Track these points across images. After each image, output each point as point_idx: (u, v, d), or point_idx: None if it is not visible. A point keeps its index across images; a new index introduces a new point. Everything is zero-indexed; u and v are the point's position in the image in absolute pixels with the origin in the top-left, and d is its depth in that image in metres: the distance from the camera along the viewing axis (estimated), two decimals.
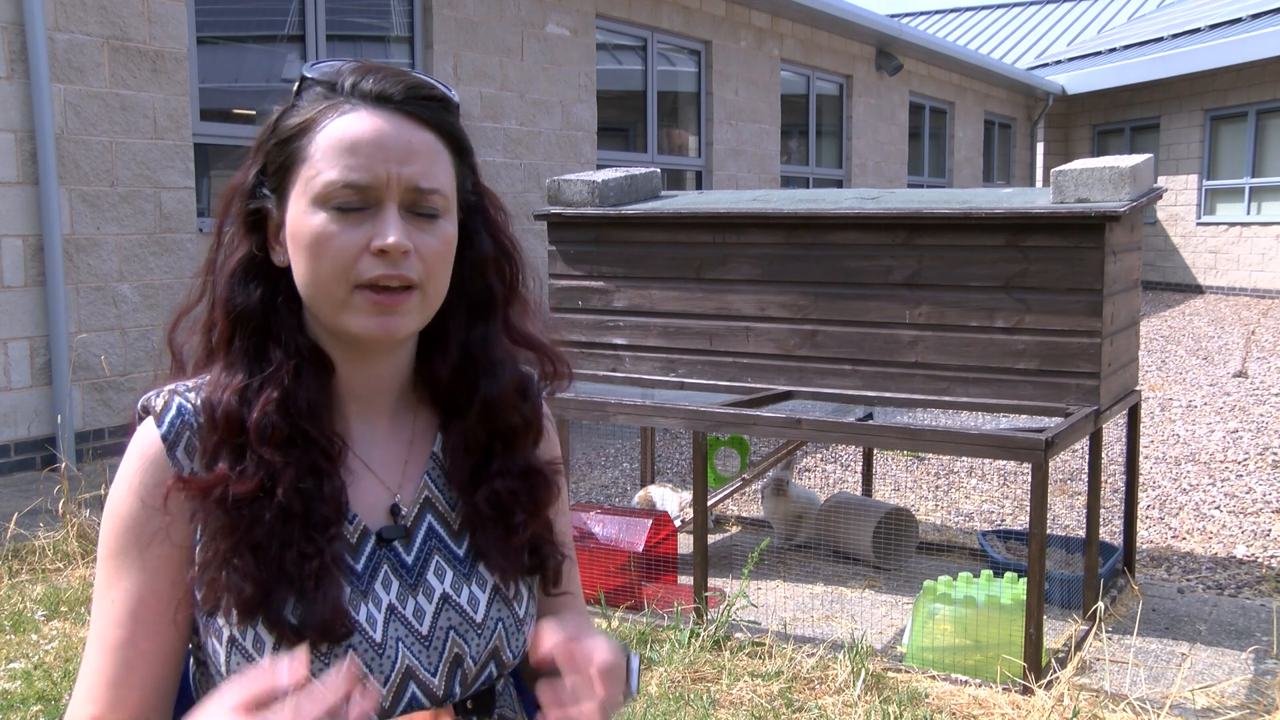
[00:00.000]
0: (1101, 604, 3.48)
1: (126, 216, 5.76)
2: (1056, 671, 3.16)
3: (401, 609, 1.12)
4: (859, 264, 3.67)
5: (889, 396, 3.65)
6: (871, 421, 3.84)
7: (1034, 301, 3.39)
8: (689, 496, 4.37)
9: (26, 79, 5.31)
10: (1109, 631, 3.52)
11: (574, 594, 1.32)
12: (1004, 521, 5.02)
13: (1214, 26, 15.79)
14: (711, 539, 4.64)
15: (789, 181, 11.85)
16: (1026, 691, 3.07)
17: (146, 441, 1.11)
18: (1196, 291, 15.93)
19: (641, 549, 3.81)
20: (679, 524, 4.26)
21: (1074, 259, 3.34)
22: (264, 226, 1.13)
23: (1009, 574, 3.38)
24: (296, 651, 0.94)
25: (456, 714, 1.14)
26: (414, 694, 1.11)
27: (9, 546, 4.25)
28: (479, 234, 1.19)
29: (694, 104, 10.29)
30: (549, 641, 1.03)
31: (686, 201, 4.16)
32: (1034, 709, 2.97)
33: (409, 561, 1.15)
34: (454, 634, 1.14)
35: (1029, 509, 3.17)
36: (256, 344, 1.12)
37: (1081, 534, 4.27)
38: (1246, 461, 5.97)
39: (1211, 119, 15.79)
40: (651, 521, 3.90)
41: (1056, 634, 3.58)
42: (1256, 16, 15.06)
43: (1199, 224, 15.96)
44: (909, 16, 25.11)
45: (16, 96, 5.30)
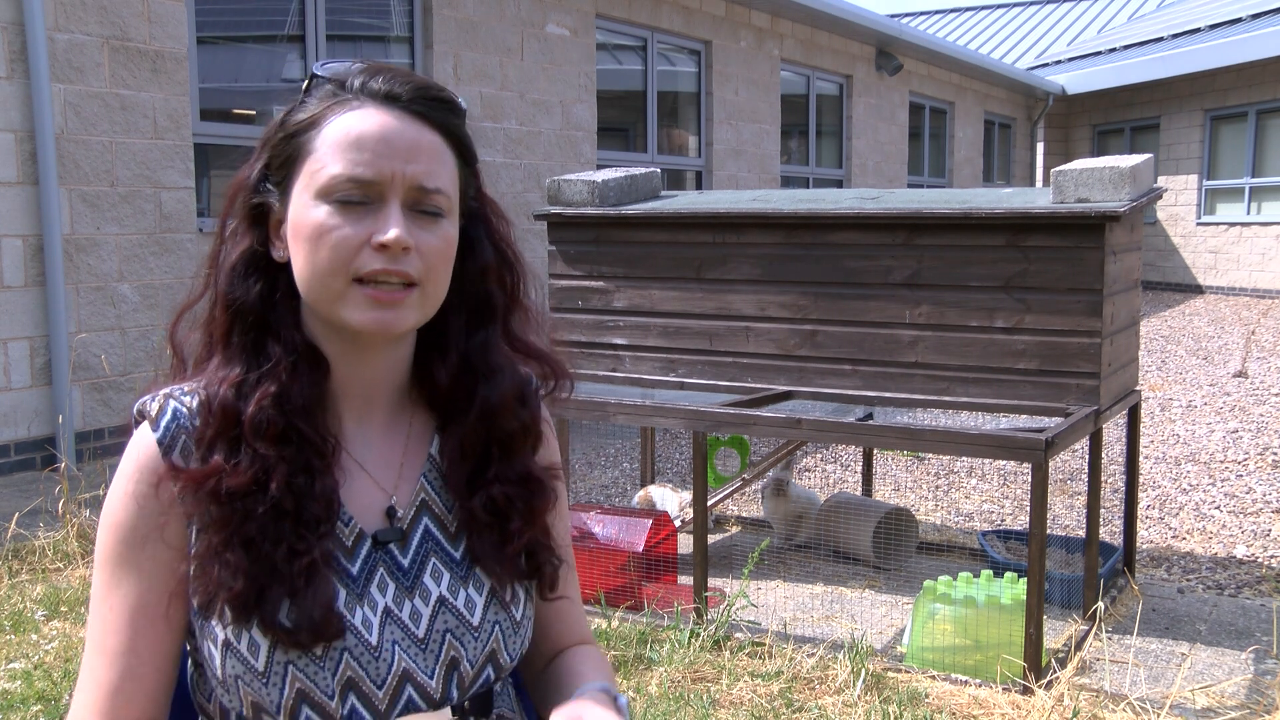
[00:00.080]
0: (1101, 604, 3.48)
1: (126, 216, 5.76)
2: (1056, 671, 3.16)
3: (398, 612, 1.12)
4: (859, 264, 3.67)
5: (889, 396, 3.65)
6: (871, 421, 3.84)
7: (1034, 301, 3.39)
8: (689, 496, 4.37)
9: (26, 79, 5.31)
10: (1109, 631, 3.52)
11: (571, 599, 1.31)
12: (1004, 521, 5.02)
13: (1214, 26, 15.79)
14: (711, 539, 4.64)
15: (789, 181, 11.85)
16: (1026, 691, 3.07)
17: (142, 447, 1.11)
18: (1196, 291, 15.93)
19: (641, 549, 3.81)
20: (679, 524, 4.26)
21: (1074, 259, 3.34)
22: (265, 221, 1.13)
23: (1009, 574, 3.38)
24: None
25: (454, 716, 1.14)
26: (411, 697, 1.11)
27: (9, 546, 4.25)
28: (481, 242, 1.19)
29: (694, 104, 10.29)
30: None
31: (686, 201, 4.16)
32: (1034, 709, 2.97)
33: (405, 564, 1.14)
34: (450, 637, 1.14)
35: (1029, 509, 3.17)
36: (255, 339, 1.11)
37: (1081, 534, 4.27)
38: (1246, 461, 5.97)
39: (1211, 119, 15.79)
40: (651, 521, 3.90)
41: (1056, 634, 3.58)
42: (1256, 16, 15.06)
43: (1199, 224, 15.96)
44: (909, 16, 25.12)
45: (16, 96, 5.30)
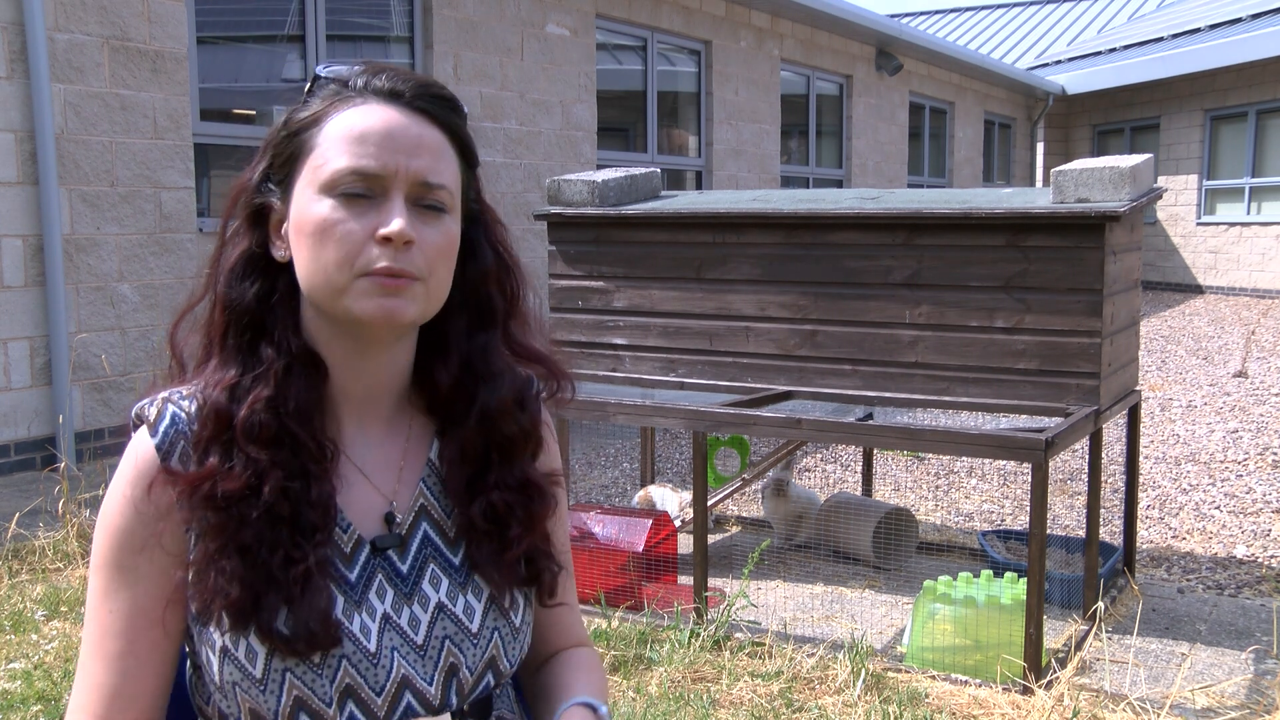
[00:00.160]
0: (1101, 604, 3.48)
1: (126, 216, 5.76)
2: (1056, 671, 3.16)
3: (396, 618, 1.12)
4: (859, 264, 3.67)
5: (889, 396, 3.65)
6: (871, 421, 3.84)
7: (1034, 301, 3.39)
8: (689, 496, 4.37)
9: (26, 79, 5.31)
10: (1109, 631, 3.52)
11: (569, 605, 1.31)
12: (1004, 521, 5.02)
13: (1214, 26, 15.79)
14: (711, 539, 4.64)
15: (789, 181, 11.85)
16: (1026, 691, 3.07)
17: (140, 452, 1.10)
18: (1196, 291, 15.93)
19: (641, 549, 3.81)
20: (679, 524, 4.26)
21: (1074, 259, 3.34)
22: (266, 222, 1.13)
23: (1009, 574, 3.38)
24: None
25: (453, 718, 1.14)
26: (410, 704, 1.10)
27: (9, 546, 4.25)
28: (481, 245, 1.19)
29: (694, 104, 10.29)
30: None
31: (686, 201, 4.16)
32: (1034, 709, 2.97)
33: (404, 570, 1.14)
34: (449, 643, 1.13)
35: (1029, 509, 3.17)
36: (250, 341, 1.11)
37: (1081, 534, 4.27)
38: (1246, 461, 5.97)
39: (1211, 119, 15.79)
40: (651, 521, 3.90)
41: (1056, 634, 3.58)
42: (1256, 16, 15.06)
43: (1199, 224, 15.96)
44: (909, 16, 25.12)
45: (16, 96, 5.30)
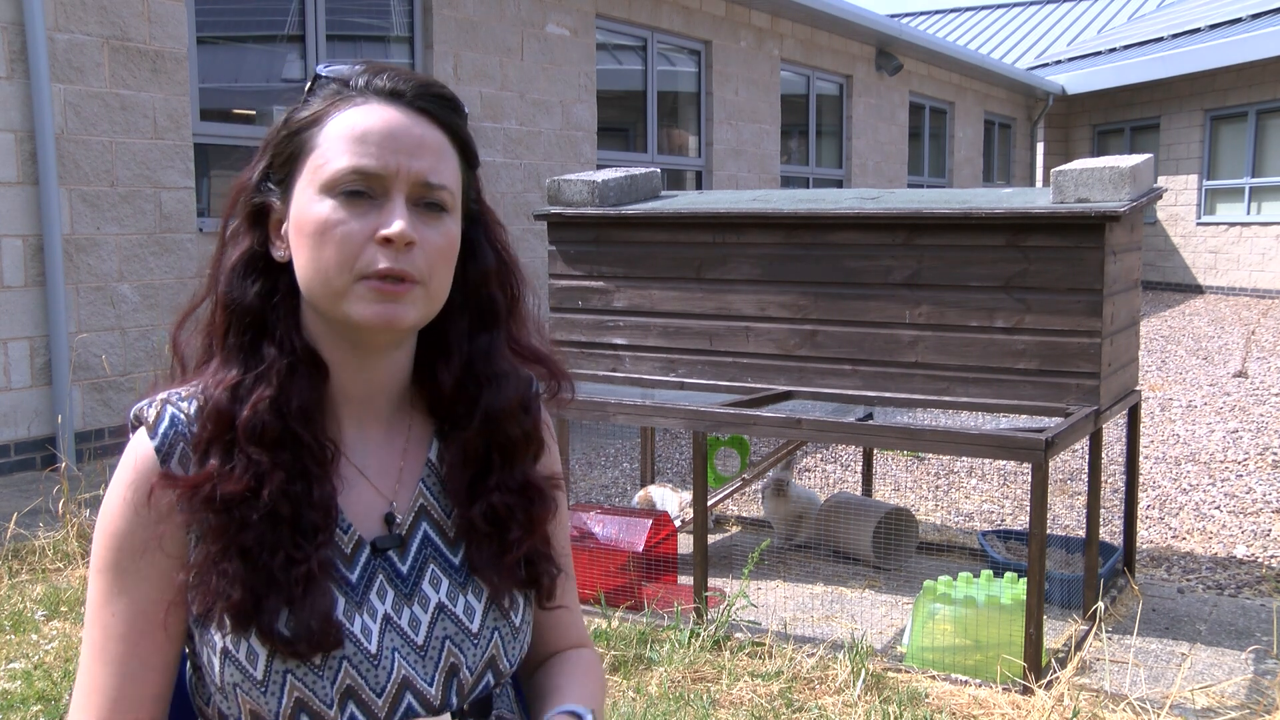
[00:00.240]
0: (1101, 604, 3.48)
1: (126, 216, 5.76)
2: (1056, 671, 3.16)
3: (397, 619, 1.11)
4: (859, 264, 3.67)
5: (889, 396, 3.65)
6: (871, 421, 3.84)
7: (1034, 301, 3.39)
8: (689, 496, 4.37)
9: (26, 79, 5.31)
10: (1109, 631, 3.52)
11: (569, 608, 1.31)
12: (1004, 521, 5.02)
13: (1214, 26, 15.79)
14: (711, 539, 4.64)
15: (789, 181, 11.85)
16: (1026, 691, 3.07)
17: (139, 454, 1.10)
18: (1196, 291, 15.93)
19: (641, 549, 3.81)
20: (679, 524, 4.26)
21: (1074, 259, 3.34)
22: (266, 221, 1.13)
23: (1009, 574, 3.38)
24: None
25: (453, 718, 1.14)
26: (410, 704, 1.10)
27: (9, 546, 4.25)
28: (481, 245, 1.19)
29: (694, 104, 10.29)
30: None
31: (686, 201, 4.16)
32: (1034, 709, 2.97)
33: (404, 571, 1.14)
34: (450, 644, 1.13)
35: (1029, 509, 3.17)
36: (252, 341, 1.11)
37: (1081, 534, 4.27)
38: (1246, 461, 5.97)
39: (1211, 119, 15.79)
40: (651, 521, 3.90)
41: (1056, 634, 3.58)
42: (1256, 16, 15.06)
43: (1199, 224, 15.96)
44: (909, 16, 25.12)
45: (16, 96, 5.30)
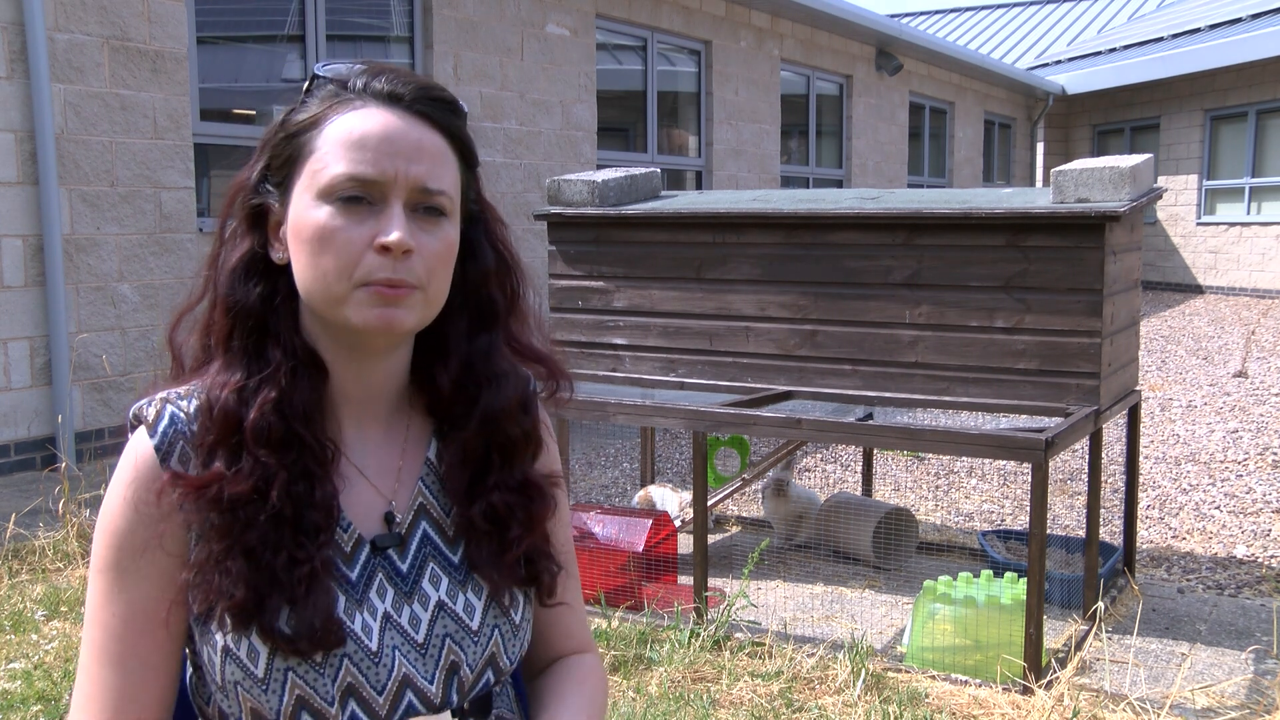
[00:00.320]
0: (1101, 604, 3.48)
1: (126, 216, 5.76)
2: (1056, 671, 3.16)
3: (397, 617, 1.12)
4: (859, 264, 3.67)
5: (889, 396, 3.65)
6: (871, 421, 3.84)
7: (1034, 301, 3.39)
8: (689, 496, 4.37)
9: (26, 79, 5.31)
10: (1109, 631, 3.52)
11: (570, 605, 1.29)
12: (1004, 521, 5.02)
13: (1214, 26, 15.79)
14: (711, 539, 4.64)
15: (789, 181, 11.85)
16: (1026, 691, 3.07)
17: (139, 452, 1.10)
18: (1196, 291, 15.93)
19: (641, 549, 3.81)
20: (679, 524, 4.26)
21: (1074, 259, 3.34)
22: (265, 223, 1.12)
23: (1009, 574, 3.38)
24: None
25: (454, 718, 1.14)
26: (411, 702, 1.10)
27: (9, 546, 4.25)
28: (481, 245, 1.19)
29: (694, 104, 10.29)
30: None
31: (686, 201, 4.16)
32: (1034, 709, 2.97)
33: (404, 569, 1.14)
34: (450, 641, 1.13)
35: (1029, 509, 3.17)
36: (255, 343, 1.10)
37: (1081, 534, 4.27)
38: (1246, 461, 5.97)
39: (1211, 119, 15.79)
40: (651, 521, 3.90)
41: (1056, 634, 3.58)
42: (1256, 16, 15.06)
43: (1199, 224, 15.96)
44: (909, 16, 25.11)
45: (16, 96, 5.30)
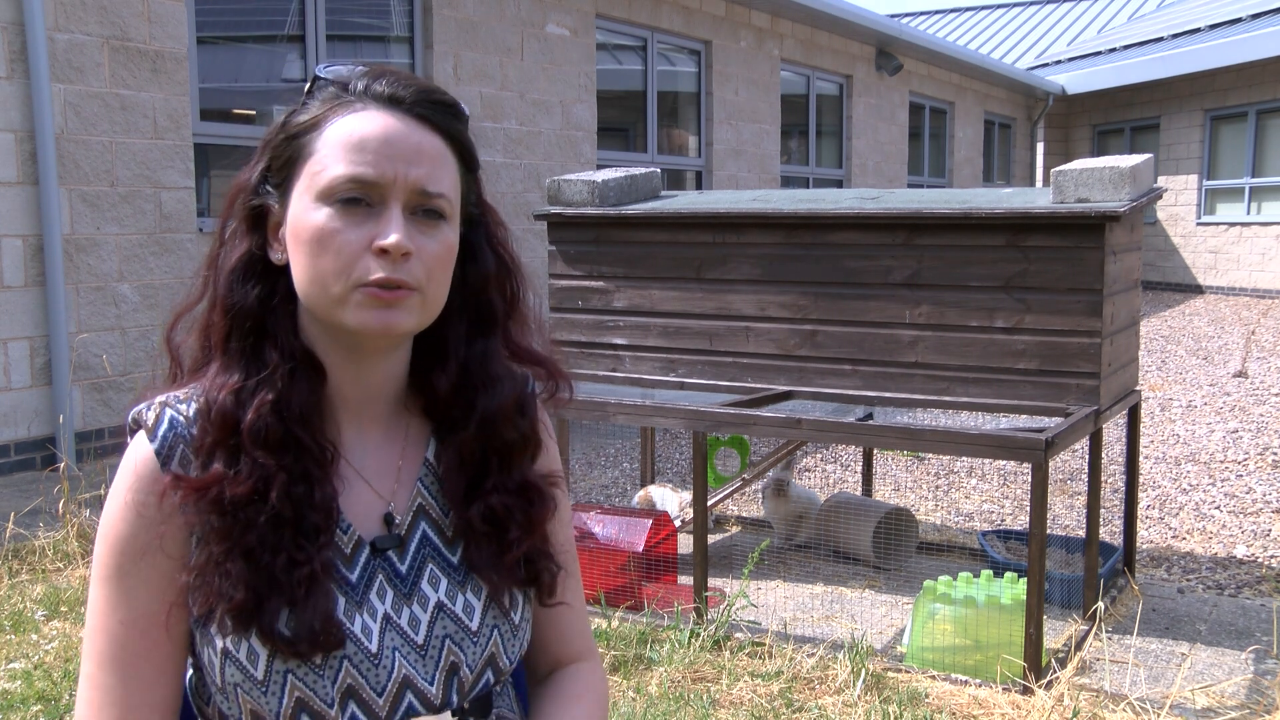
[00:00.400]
0: (1101, 604, 3.48)
1: (126, 216, 5.76)
2: (1056, 671, 3.16)
3: (397, 618, 1.11)
4: (859, 264, 3.67)
5: (889, 396, 3.65)
6: (871, 421, 3.84)
7: (1034, 301, 3.39)
8: (689, 496, 4.37)
9: (26, 79, 5.31)
10: (1109, 631, 3.52)
11: (571, 606, 1.29)
12: (1004, 521, 5.02)
13: (1214, 26, 15.79)
14: (711, 539, 4.64)
15: (789, 181, 11.85)
16: (1026, 691, 3.07)
17: (139, 456, 1.10)
18: (1196, 291, 15.93)
19: (641, 549, 3.81)
20: (679, 524, 4.26)
21: (1074, 259, 3.34)
22: (264, 224, 1.12)
23: (1009, 574, 3.38)
24: None
25: (454, 718, 1.14)
26: (411, 703, 1.10)
27: (9, 546, 4.25)
28: (481, 248, 1.18)
29: (694, 104, 10.29)
30: None
31: (686, 201, 4.16)
32: (1034, 709, 2.97)
33: (403, 570, 1.14)
34: (450, 642, 1.13)
35: (1029, 509, 3.17)
36: (253, 344, 1.10)
37: (1081, 534, 4.27)
38: (1246, 461, 5.97)
39: (1211, 119, 15.79)
40: (651, 521, 3.90)
41: (1056, 634, 3.58)
42: (1256, 16, 15.06)
43: (1199, 224, 15.96)
44: (909, 16, 25.11)
45: (16, 96, 5.30)
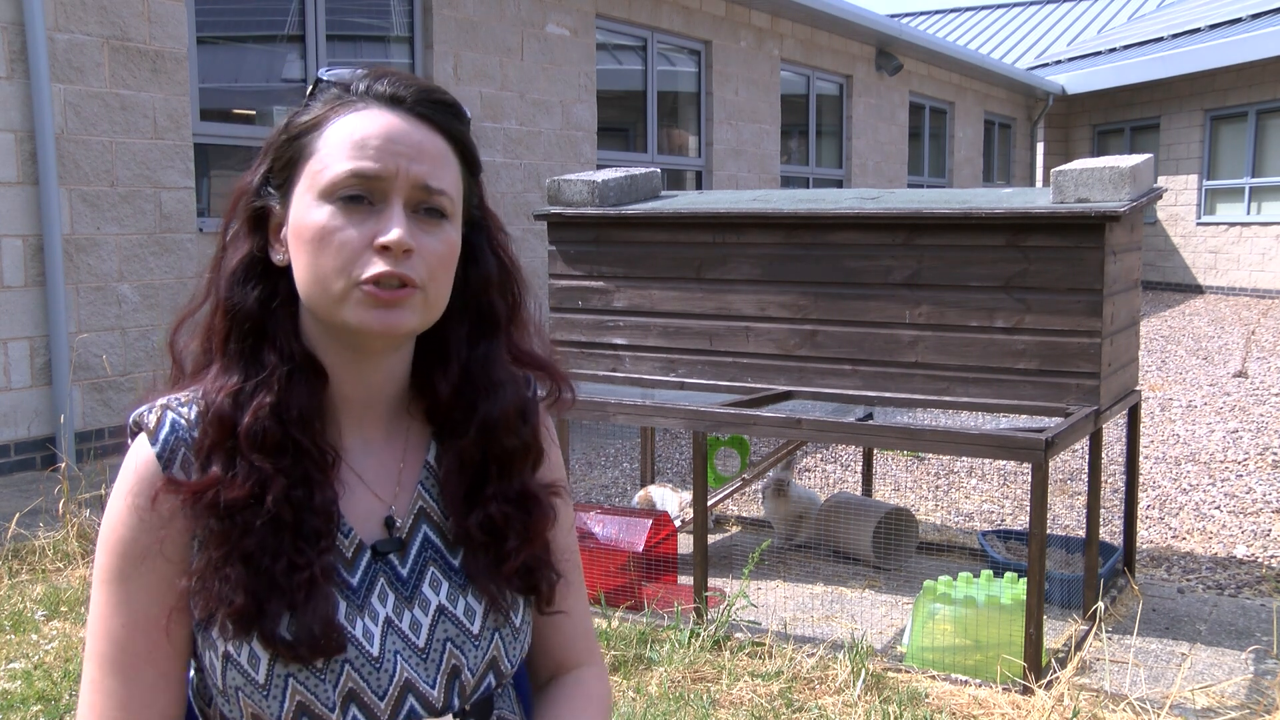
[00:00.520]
0: (1101, 604, 3.48)
1: (126, 216, 5.76)
2: (1056, 671, 3.16)
3: (398, 622, 1.11)
4: (859, 264, 3.67)
5: (889, 396, 3.65)
6: (871, 421, 3.84)
7: (1034, 301, 3.39)
8: (689, 496, 4.37)
9: (26, 79, 5.31)
10: (1109, 631, 3.52)
11: (571, 614, 1.27)
12: (1004, 521, 5.02)
13: (1214, 26, 15.79)
14: (711, 539, 4.64)
15: (789, 181, 11.85)
16: (1026, 691, 3.07)
17: (141, 460, 1.09)
18: (1196, 291, 15.93)
19: (641, 549, 3.81)
20: (679, 524, 4.26)
21: (1074, 259, 3.34)
22: (266, 225, 1.12)
23: (1009, 574, 3.38)
24: None
25: (454, 718, 1.14)
26: (412, 707, 1.10)
27: (9, 546, 4.25)
28: (483, 251, 1.18)
29: (694, 104, 10.29)
30: None
31: (686, 201, 4.16)
32: (1034, 709, 2.97)
33: (404, 574, 1.14)
34: (451, 646, 1.13)
35: (1029, 509, 3.17)
36: (253, 346, 1.10)
37: (1081, 534, 4.27)
38: (1246, 461, 5.97)
39: (1211, 119, 15.79)
40: (651, 521, 3.90)
41: (1056, 634, 3.58)
42: (1256, 16, 15.06)
43: (1199, 224, 15.96)
44: (909, 16, 25.11)
45: (16, 96, 5.30)
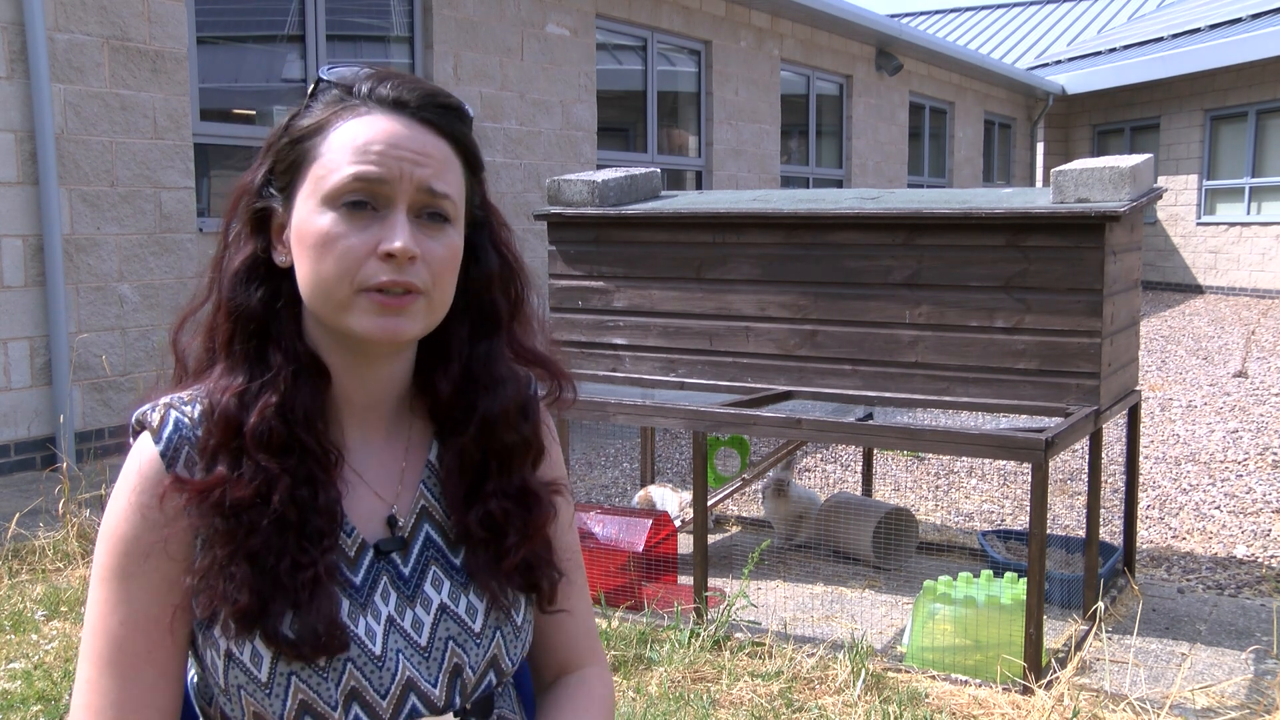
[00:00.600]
0: (1101, 604, 3.48)
1: (126, 216, 5.76)
2: (1056, 671, 3.16)
3: (400, 621, 1.12)
4: (859, 264, 3.67)
5: (889, 396, 3.65)
6: (871, 421, 3.84)
7: (1034, 301, 3.39)
8: (689, 496, 4.37)
9: (26, 79, 5.31)
10: (1109, 631, 3.52)
11: (574, 613, 1.27)
12: (1004, 521, 5.02)
13: (1214, 26, 15.79)
14: (711, 539, 4.64)
15: (789, 181, 11.85)
16: (1026, 691, 3.07)
17: (144, 458, 1.09)
18: (1196, 291, 15.93)
19: (641, 549, 3.81)
20: (679, 524, 4.26)
21: (1074, 259, 3.34)
22: (268, 227, 1.12)
23: (1009, 574, 3.38)
24: None
25: (455, 718, 1.14)
26: (414, 705, 1.11)
27: (9, 546, 4.25)
28: (485, 249, 1.19)
29: (694, 104, 10.29)
30: None
31: (686, 201, 4.16)
32: (1034, 709, 2.97)
33: (406, 573, 1.14)
34: (453, 644, 1.13)
35: (1029, 509, 3.17)
36: (257, 347, 1.10)
37: (1081, 534, 4.27)
38: (1246, 461, 5.97)
39: (1211, 119, 15.79)
40: (651, 521, 3.90)
41: (1056, 634, 3.58)
42: (1256, 16, 15.06)
43: (1199, 224, 15.96)
44: (909, 16, 25.12)
45: (16, 96, 5.30)
